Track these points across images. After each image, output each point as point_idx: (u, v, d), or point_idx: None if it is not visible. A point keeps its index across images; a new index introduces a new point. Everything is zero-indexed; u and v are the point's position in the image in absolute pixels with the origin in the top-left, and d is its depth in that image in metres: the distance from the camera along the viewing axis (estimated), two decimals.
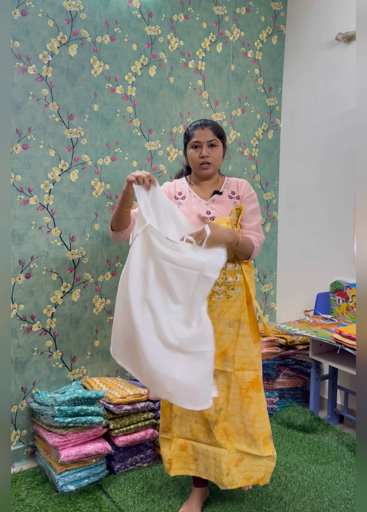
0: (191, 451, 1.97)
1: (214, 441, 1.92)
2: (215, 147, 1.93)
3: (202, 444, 1.95)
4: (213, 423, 1.90)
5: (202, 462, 1.95)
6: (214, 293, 1.87)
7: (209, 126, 1.92)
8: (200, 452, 1.95)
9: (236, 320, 1.89)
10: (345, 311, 2.92)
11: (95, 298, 2.62)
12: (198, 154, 1.91)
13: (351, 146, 2.89)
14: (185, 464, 1.98)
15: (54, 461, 2.19)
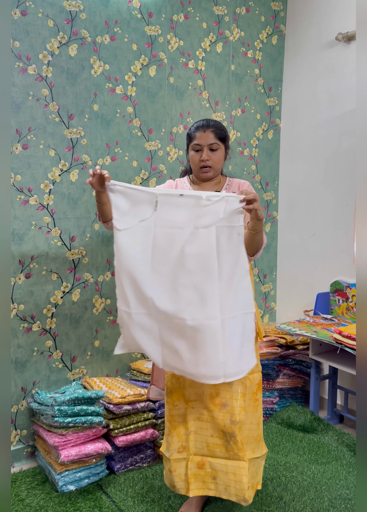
0: (209, 468, 1.84)
1: (232, 454, 1.81)
2: (216, 150, 1.91)
3: (219, 460, 1.83)
4: (230, 435, 1.81)
5: (221, 480, 1.83)
6: None
7: (210, 129, 1.90)
8: (219, 469, 1.83)
9: None
10: (345, 311, 2.92)
11: (95, 298, 2.62)
12: (198, 157, 1.91)
13: (351, 146, 2.89)
14: (203, 483, 1.86)
15: (54, 461, 2.19)
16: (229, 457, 1.82)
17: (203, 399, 1.82)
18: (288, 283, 3.37)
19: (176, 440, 1.87)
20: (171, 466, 1.86)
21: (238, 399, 1.80)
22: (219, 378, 1.64)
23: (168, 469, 1.88)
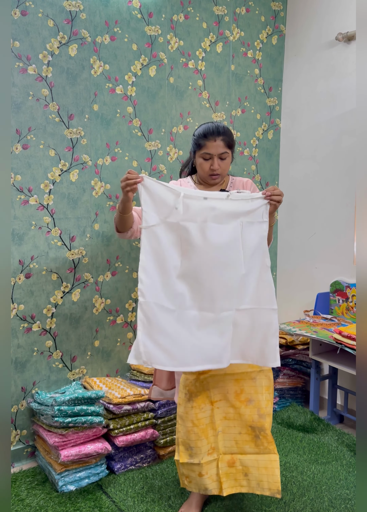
0: (240, 466, 1.87)
1: (262, 448, 1.84)
2: (225, 158, 1.93)
3: (250, 456, 1.86)
4: (259, 429, 1.84)
5: (253, 476, 1.86)
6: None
7: (221, 137, 1.88)
8: (250, 465, 1.85)
9: None
10: (345, 311, 2.92)
11: (95, 298, 2.62)
12: (208, 165, 1.91)
13: (351, 146, 2.89)
14: (235, 481, 1.88)
15: (54, 461, 2.19)
16: (259, 451, 1.85)
17: (228, 397, 1.86)
18: (288, 283, 3.37)
19: (206, 442, 1.86)
20: (202, 469, 1.85)
21: (263, 393, 1.85)
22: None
23: (198, 473, 1.86)
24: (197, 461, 1.84)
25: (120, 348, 2.74)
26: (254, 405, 1.85)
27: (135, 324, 2.79)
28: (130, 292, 2.75)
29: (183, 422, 1.85)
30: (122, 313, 2.73)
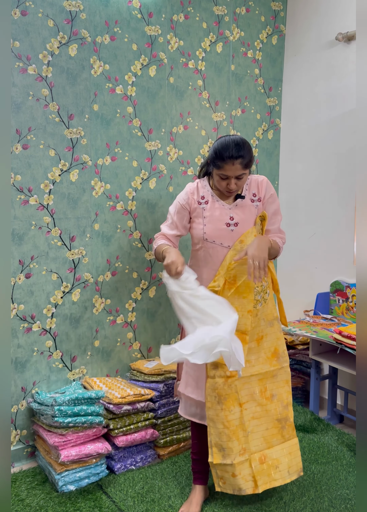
0: (270, 460, 1.98)
1: (287, 436, 2.03)
2: (242, 178, 1.93)
3: (277, 447, 2.00)
4: (285, 420, 2.02)
5: (283, 466, 1.99)
6: (257, 302, 1.97)
7: (239, 160, 1.85)
8: (279, 456, 1.99)
9: (274, 318, 2.05)
10: (345, 311, 2.92)
11: (95, 298, 2.62)
12: (225, 184, 1.93)
13: (351, 146, 2.89)
14: (268, 476, 1.97)
15: (54, 461, 2.19)
16: (284, 440, 2.03)
17: (254, 397, 1.98)
18: (288, 283, 3.37)
19: (237, 444, 1.93)
20: (234, 470, 1.92)
21: (284, 386, 2.04)
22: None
23: (232, 473, 1.93)
24: (229, 461, 1.92)
25: (120, 348, 2.74)
26: (278, 399, 2.02)
27: (135, 324, 2.79)
28: (130, 292, 2.75)
29: (214, 424, 1.93)
30: (122, 313, 2.73)
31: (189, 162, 2.93)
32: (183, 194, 2.07)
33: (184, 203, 2.05)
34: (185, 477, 2.28)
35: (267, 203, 2.05)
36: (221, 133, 3.04)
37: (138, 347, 2.81)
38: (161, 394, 2.48)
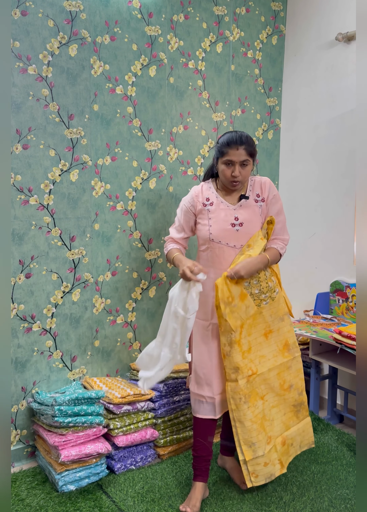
0: (288, 440, 2.17)
1: (301, 417, 2.22)
2: (246, 166, 2.02)
3: (293, 428, 2.20)
4: (300, 404, 2.20)
5: (296, 442, 2.21)
6: (261, 301, 2.07)
7: (243, 146, 1.97)
8: (294, 435, 2.20)
9: (285, 313, 2.16)
10: (345, 311, 2.92)
11: (95, 298, 2.62)
12: (230, 172, 2.01)
13: (351, 146, 2.89)
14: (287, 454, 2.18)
15: (54, 461, 2.19)
16: (299, 421, 2.22)
17: (274, 389, 2.13)
18: (288, 283, 3.37)
19: (264, 434, 2.07)
20: (266, 459, 2.06)
21: (298, 375, 2.20)
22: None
23: (264, 463, 2.05)
24: (261, 453, 2.04)
25: (120, 348, 2.74)
26: (295, 388, 2.18)
27: (135, 324, 2.79)
28: (130, 292, 2.75)
29: (242, 424, 2.02)
30: (122, 313, 2.73)
31: (189, 162, 2.93)
32: (189, 197, 2.16)
33: (189, 205, 2.14)
34: (185, 477, 2.28)
35: (270, 203, 2.13)
36: (221, 133, 3.04)
37: (138, 347, 2.81)
38: (161, 394, 2.48)
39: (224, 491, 2.17)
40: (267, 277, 2.09)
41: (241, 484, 2.21)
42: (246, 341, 2.05)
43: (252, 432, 2.02)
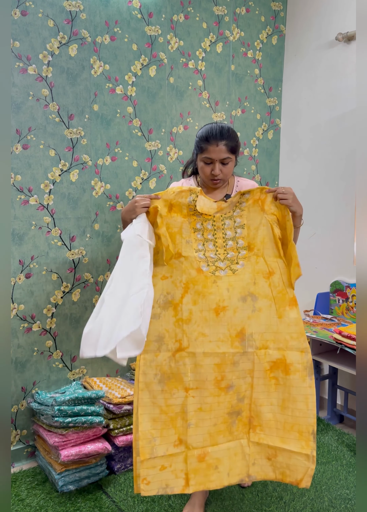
0: (211, 459, 1.71)
1: (235, 434, 1.73)
2: (227, 163, 1.84)
3: (222, 445, 1.72)
4: (236, 414, 1.72)
5: (224, 467, 1.71)
6: (217, 268, 1.74)
7: (223, 142, 1.79)
8: (221, 456, 1.72)
9: (249, 294, 1.73)
10: (345, 311, 2.92)
11: (95, 298, 2.62)
12: (209, 170, 1.84)
13: (351, 146, 2.89)
14: (205, 477, 1.70)
15: (54, 461, 2.19)
16: (232, 438, 1.73)
17: (207, 385, 1.69)
18: None
19: (173, 433, 1.69)
20: (165, 462, 1.67)
21: (245, 377, 1.72)
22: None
23: (161, 466, 1.66)
24: (161, 453, 1.67)
25: None
26: (235, 391, 1.72)
27: None
28: None
29: (148, 410, 1.69)
30: None
31: None
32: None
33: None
34: None
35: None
36: None
37: None
38: None
39: (224, 491, 2.17)
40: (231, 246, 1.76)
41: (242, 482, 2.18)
42: (188, 309, 1.69)
43: (156, 423, 1.66)
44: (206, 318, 1.70)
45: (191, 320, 1.69)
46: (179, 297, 1.70)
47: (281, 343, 1.73)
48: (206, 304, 1.71)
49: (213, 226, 1.76)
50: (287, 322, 1.73)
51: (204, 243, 1.75)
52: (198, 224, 1.75)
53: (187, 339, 1.69)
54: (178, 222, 1.73)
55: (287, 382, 1.72)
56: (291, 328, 1.73)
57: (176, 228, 1.73)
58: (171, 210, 1.73)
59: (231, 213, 1.77)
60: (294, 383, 1.70)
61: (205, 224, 1.76)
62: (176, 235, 1.73)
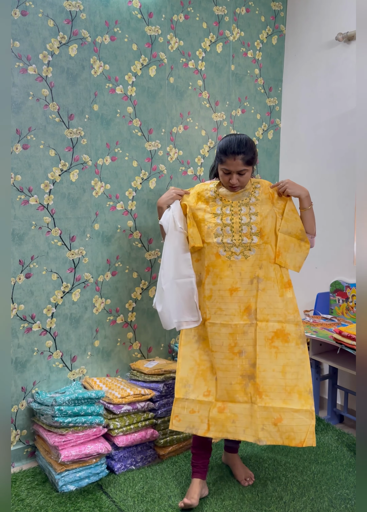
0: (229, 413, 2.02)
1: (249, 396, 2.02)
2: (244, 174, 2.00)
3: (239, 404, 2.02)
4: (249, 377, 2.02)
5: (240, 423, 2.01)
6: (232, 254, 2.03)
7: (240, 156, 1.94)
8: (238, 412, 2.01)
9: (255, 277, 2.03)
10: (345, 311, 2.92)
11: (95, 298, 2.62)
12: (227, 179, 2.02)
13: (351, 146, 2.89)
14: (223, 427, 2.02)
15: (54, 461, 2.19)
16: (247, 400, 2.02)
17: (223, 349, 2.03)
18: None
19: (204, 384, 2.04)
20: (195, 406, 2.02)
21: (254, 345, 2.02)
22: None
23: (191, 410, 2.01)
24: (193, 397, 2.02)
25: (120, 348, 2.74)
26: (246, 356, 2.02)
27: (135, 324, 2.79)
28: (130, 292, 2.75)
29: (186, 361, 2.07)
30: (122, 313, 2.73)
31: (189, 162, 2.93)
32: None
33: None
34: (185, 477, 2.28)
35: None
36: (221, 133, 3.04)
37: (138, 347, 2.81)
38: (161, 394, 2.48)
39: (224, 491, 2.17)
40: (246, 232, 2.02)
41: (242, 481, 2.22)
42: (209, 288, 2.04)
43: (191, 372, 2.03)
44: (223, 296, 2.04)
45: (212, 297, 2.05)
46: (204, 277, 2.07)
47: (281, 317, 2.04)
48: (223, 285, 2.04)
49: (231, 211, 2.05)
50: (285, 300, 2.06)
51: (222, 228, 2.04)
52: (218, 209, 2.06)
53: (209, 312, 2.05)
54: (202, 210, 2.07)
55: (286, 349, 2.02)
56: (288, 305, 2.06)
57: (201, 216, 2.06)
58: (198, 200, 2.08)
59: (247, 200, 2.06)
60: (292, 349, 2.02)
61: (224, 210, 2.05)
62: (201, 223, 2.06)
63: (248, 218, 2.03)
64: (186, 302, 2.06)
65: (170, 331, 2.92)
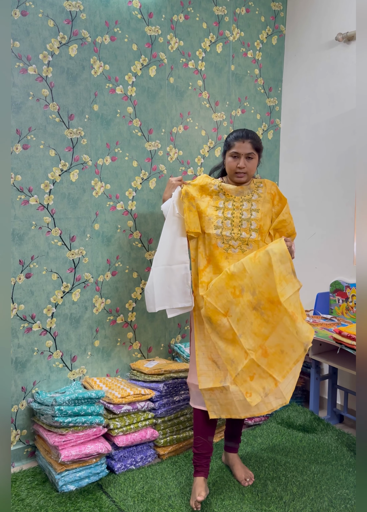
0: (271, 348, 1.97)
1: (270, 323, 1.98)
2: (252, 159, 2.11)
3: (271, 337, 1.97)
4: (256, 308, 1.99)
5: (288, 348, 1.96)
6: (230, 246, 2.10)
7: (249, 140, 2.09)
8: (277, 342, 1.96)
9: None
10: (345, 311, 2.92)
11: (95, 298, 2.62)
12: (235, 164, 2.10)
13: (351, 146, 2.89)
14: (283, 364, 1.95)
15: (54, 461, 2.19)
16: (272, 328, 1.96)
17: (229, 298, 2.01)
18: None
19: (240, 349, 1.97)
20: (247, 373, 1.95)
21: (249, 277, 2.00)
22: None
23: (249, 377, 1.95)
24: (240, 368, 1.98)
25: (120, 348, 2.74)
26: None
27: (135, 324, 2.79)
28: (130, 292, 2.75)
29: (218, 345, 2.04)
30: (122, 313, 2.74)
31: (189, 162, 2.93)
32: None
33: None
34: (185, 477, 2.28)
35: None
36: (221, 133, 3.04)
37: (138, 347, 2.81)
38: (161, 394, 2.48)
39: (224, 491, 2.17)
40: (245, 227, 2.09)
41: (242, 481, 2.22)
42: (210, 276, 2.09)
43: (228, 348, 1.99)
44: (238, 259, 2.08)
45: (210, 284, 2.07)
46: (203, 266, 2.11)
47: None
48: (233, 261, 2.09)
49: (233, 206, 2.12)
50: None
51: (223, 221, 2.09)
52: (220, 203, 2.12)
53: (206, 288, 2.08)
54: (205, 202, 2.13)
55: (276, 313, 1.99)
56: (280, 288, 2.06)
57: (203, 207, 2.12)
58: (202, 193, 2.15)
59: (250, 196, 2.15)
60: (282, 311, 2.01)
61: (227, 204, 2.12)
62: (202, 214, 2.12)
63: (249, 214, 2.11)
64: (179, 287, 2.10)
65: (170, 331, 2.92)
